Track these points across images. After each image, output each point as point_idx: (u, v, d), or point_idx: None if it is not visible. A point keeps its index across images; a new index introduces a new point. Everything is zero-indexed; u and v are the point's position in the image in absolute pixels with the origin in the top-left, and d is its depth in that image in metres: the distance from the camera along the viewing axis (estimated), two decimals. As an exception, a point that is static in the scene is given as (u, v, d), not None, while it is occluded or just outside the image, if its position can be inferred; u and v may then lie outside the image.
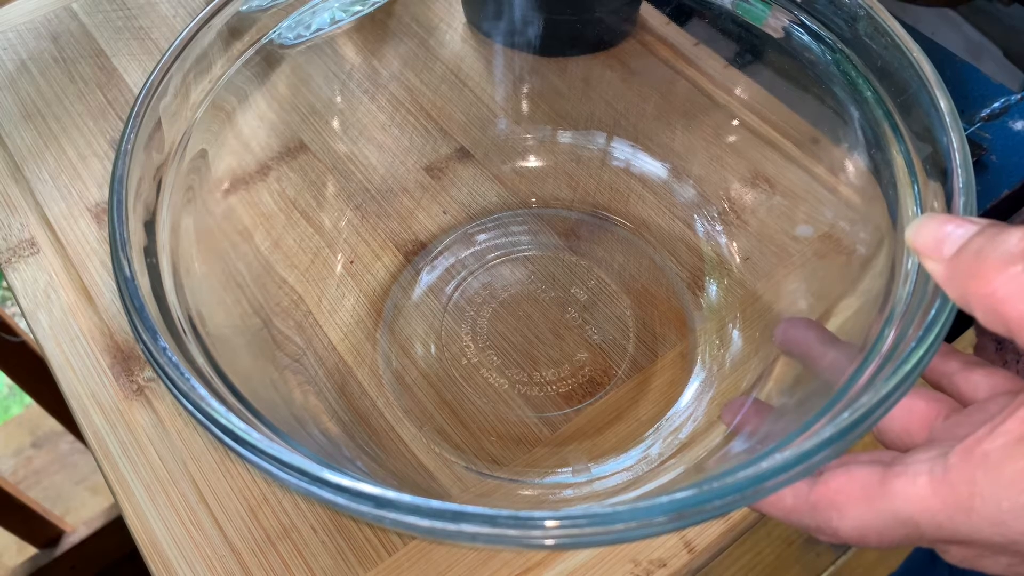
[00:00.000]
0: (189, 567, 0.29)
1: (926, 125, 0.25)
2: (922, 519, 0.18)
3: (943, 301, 0.21)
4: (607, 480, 0.31)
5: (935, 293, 0.21)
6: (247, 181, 0.35)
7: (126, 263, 0.22)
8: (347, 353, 0.35)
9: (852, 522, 0.19)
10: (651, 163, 0.39)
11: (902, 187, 0.26)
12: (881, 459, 0.20)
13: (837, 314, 0.30)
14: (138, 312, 0.21)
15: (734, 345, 0.34)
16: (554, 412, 0.33)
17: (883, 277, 0.25)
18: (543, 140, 0.41)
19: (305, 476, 0.18)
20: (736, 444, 0.27)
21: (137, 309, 0.21)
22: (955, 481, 0.17)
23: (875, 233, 0.28)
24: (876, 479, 0.19)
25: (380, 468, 0.30)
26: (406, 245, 0.38)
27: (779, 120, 0.36)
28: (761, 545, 0.96)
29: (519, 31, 0.40)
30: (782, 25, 0.31)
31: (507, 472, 0.32)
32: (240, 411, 0.21)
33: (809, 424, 0.21)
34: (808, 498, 0.20)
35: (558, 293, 0.37)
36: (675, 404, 0.33)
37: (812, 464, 0.19)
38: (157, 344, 0.21)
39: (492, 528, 0.17)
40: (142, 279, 0.23)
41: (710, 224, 0.37)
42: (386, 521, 0.18)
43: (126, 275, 0.22)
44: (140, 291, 0.22)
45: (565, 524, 0.17)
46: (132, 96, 0.43)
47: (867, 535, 0.19)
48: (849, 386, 0.22)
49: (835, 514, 0.19)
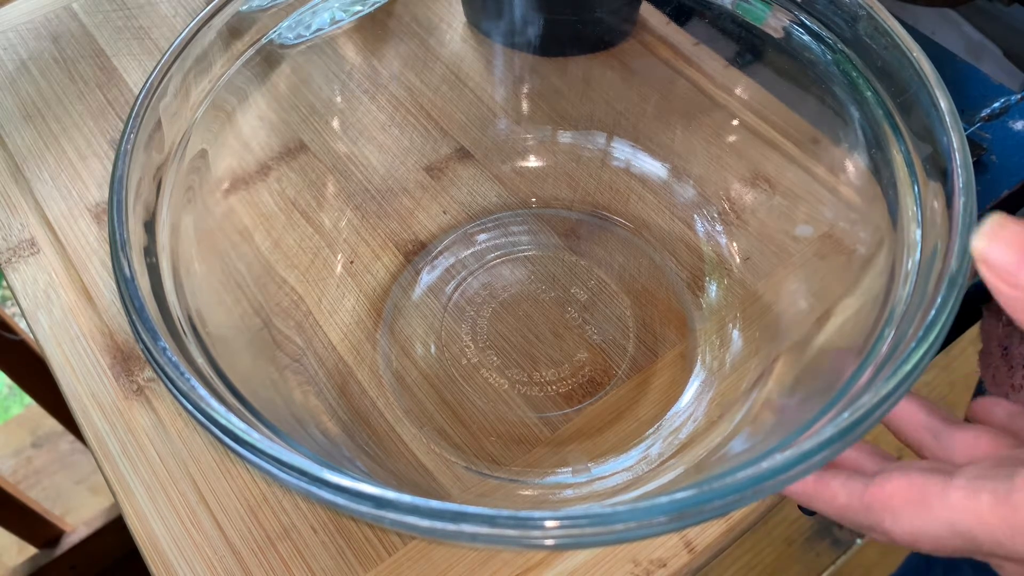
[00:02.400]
0: (189, 567, 0.29)
1: (926, 125, 0.25)
2: (981, 534, 0.18)
3: (943, 301, 0.21)
4: (607, 480, 0.31)
5: (935, 293, 0.21)
6: (247, 181, 0.35)
7: (126, 263, 0.22)
8: (347, 353, 0.35)
9: (907, 527, 0.19)
10: (651, 163, 0.39)
11: (902, 187, 0.26)
12: (940, 468, 0.20)
13: (837, 314, 0.30)
14: (138, 312, 0.21)
15: (734, 345, 0.34)
16: (554, 412, 0.33)
17: (883, 277, 0.25)
18: (543, 140, 0.41)
19: (305, 476, 0.18)
20: (736, 444, 0.27)
21: (137, 309, 0.21)
22: (1019, 504, 0.18)
23: (875, 233, 0.28)
24: (937, 488, 0.19)
25: (380, 468, 0.30)
26: (406, 245, 0.38)
27: (779, 120, 0.36)
28: (761, 545, 0.96)
29: (519, 31, 0.40)
30: (782, 25, 0.31)
31: (507, 472, 0.32)
32: (240, 411, 0.21)
33: (809, 424, 0.21)
34: (862, 498, 0.20)
35: (558, 293, 0.37)
36: (675, 404, 0.33)
37: (812, 464, 0.19)
38: (157, 344, 0.21)
39: (491, 528, 0.17)
40: (142, 279, 0.23)
41: (710, 224, 0.37)
42: (386, 521, 0.18)
43: (126, 275, 0.22)
44: (140, 291, 0.22)
45: (565, 524, 0.18)
46: (132, 96, 0.43)
47: (921, 541, 0.19)
48: (849, 386, 0.22)
49: (889, 517, 0.20)
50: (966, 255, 0.21)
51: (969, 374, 1.08)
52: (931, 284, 0.22)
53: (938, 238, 0.23)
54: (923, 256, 0.24)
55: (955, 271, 0.21)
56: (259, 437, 0.19)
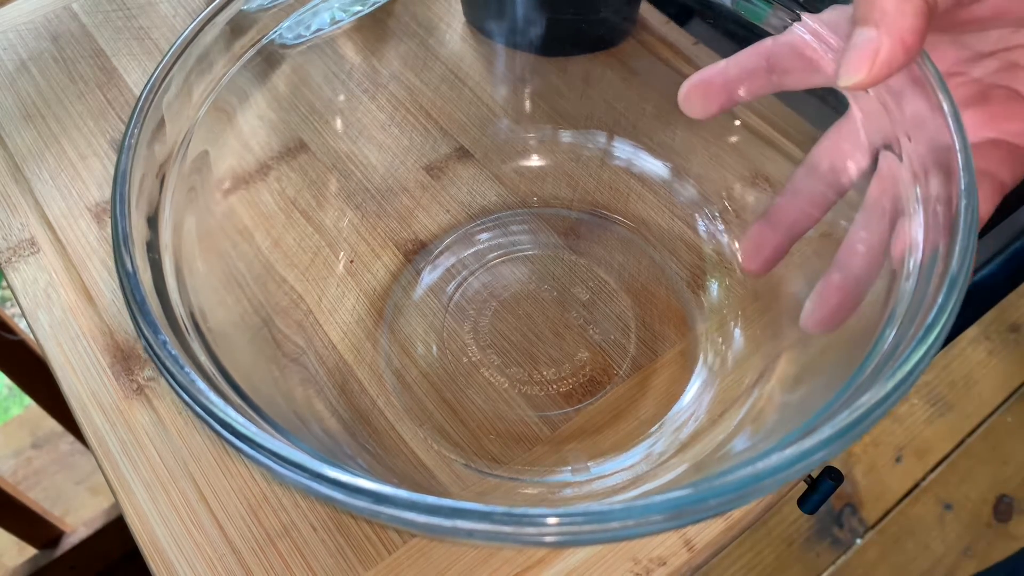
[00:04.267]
0: (189, 566, 0.29)
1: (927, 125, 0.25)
2: None
3: (943, 302, 0.21)
4: (608, 479, 0.31)
5: (935, 294, 0.21)
6: (247, 181, 0.35)
7: (128, 258, 0.22)
8: (347, 352, 0.35)
9: None
10: (651, 162, 0.39)
11: (903, 187, 0.26)
12: None
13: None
14: (139, 306, 0.21)
15: (736, 343, 0.34)
16: (554, 411, 0.33)
17: (884, 277, 0.25)
18: (543, 140, 0.41)
19: (304, 472, 0.18)
20: (738, 442, 0.27)
21: (139, 303, 0.21)
22: None
23: (875, 233, 0.28)
24: None
25: (380, 466, 0.30)
26: (406, 244, 0.38)
27: (779, 120, 0.36)
28: (761, 545, 0.96)
29: (519, 31, 0.40)
30: (783, 24, 0.31)
31: (507, 471, 0.32)
32: (240, 407, 0.21)
33: (810, 423, 0.21)
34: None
35: (559, 292, 0.37)
36: (676, 403, 0.33)
37: (811, 463, 0.19)
38: (158, 338, 0.21)
39: (488, 524, 0.17)
40: (144, 275, 0.23)
41: (711, 223, 0.37)
42: (383, 516, 0.18)
43: (128, 269, 0.22)
44: (142, 286, 0.22)
45: (562, 521, 0.18)
46: (132, 96, 0.43)
47: None
48: (850, 386, 0.22)
49: None
50: (967, 256, 0.21)
51: (969, 374, 1.08)
52: (932, 285, 0.22)
53: (939, 239, 0.23)
54: (924, 257, 0.24)
55: (955, 272, 0.21)
56: (258, 432, 0.19)
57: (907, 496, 0.98)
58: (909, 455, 1.00)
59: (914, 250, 0.24)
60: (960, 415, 1.04)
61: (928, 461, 1.01)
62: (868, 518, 0.97)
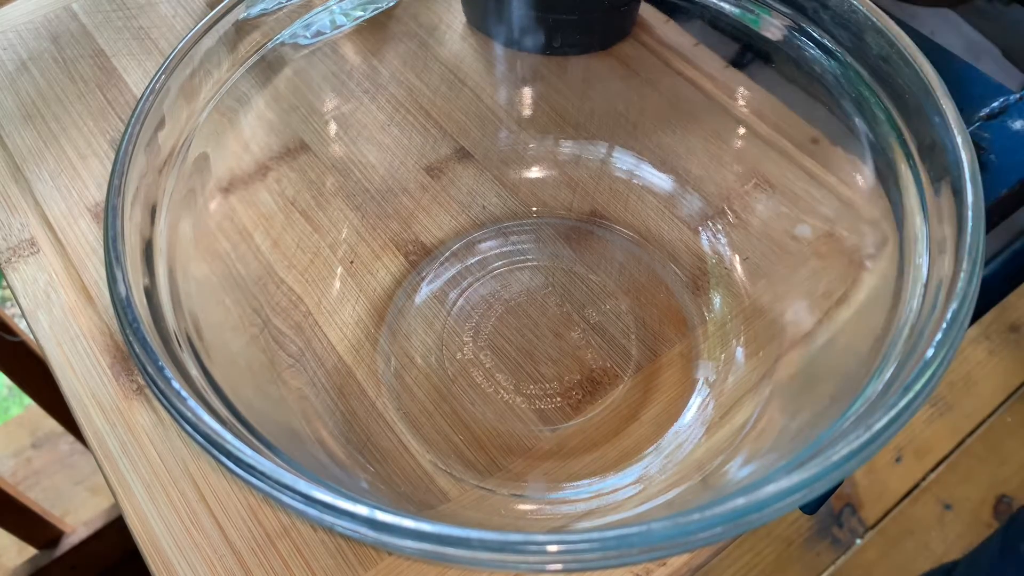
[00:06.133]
0: (189, 566, 0.29)
1: (930, 131, 0.25)
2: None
3: (953, 316, 0.20)
4: (612, 495, 0.31)
5: (945, 306, 0.21)
6: (247, 181, 0.35)
7: (120, 276, 0.22)
8: (347, 353, 0.35)
9: None
10: (651, 162, 0.39)
11: (905, 187, 0.26)
12: None
13: (839, 318, 0.30)
14: (131, 325, 0.21)
15: (737, 356, 0.34)
16: (557, 422, 0.33)
17: (890, 281, 0.25)
18: (543, 140, 0.41)
19: (297, 495, 0.18)
20: (737, 462, 0.27)
21: (131, 322, 0.21)
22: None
23: (878, 234, 0.28)
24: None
25: (377, 472, 0.30)
26: (406, 246, 0.38)
27: (780, 121, 0.36)
28: (761, 545, 0.96)
29: (519, 31, 0.40)
30: (781, 29, 0.31)
31: (506, 477, 0.32)
32: (230, 422, 0.21)
33: (817, 442, 0.21)
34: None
35: (561, 300, 0.37)
36: (677, 420, 0.33)
37: (814, 489, 0.19)
38: (155, 364, 0.21)
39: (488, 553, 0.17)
40: (138, 295, 0.22)
41: (711, 223, 0.37)
42: (368, 540, 0.18)
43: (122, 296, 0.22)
44: (135, 307, 0.22)
45: (563, 550, 0.17)
46: (132, 96, 0.43)
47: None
48: (848, 414, 0.21)
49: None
50: (975, 270, 0.21)
51: (969, 374, 1.08)
52: (940, 296, 0.22)
53: (947, 250, 0.23)
54: (931, 269, 0.23)
55: (964, 287, 0.21)
56: (254, 456, 0.19)
57: (907, 496, 0.98)
58: (909, 455, 1.00)
59: (921, 251, 0.24)
60: (960, 415, 1.04)
61: (928, 461, 1.01)
62: (868, 518, 0.97)
